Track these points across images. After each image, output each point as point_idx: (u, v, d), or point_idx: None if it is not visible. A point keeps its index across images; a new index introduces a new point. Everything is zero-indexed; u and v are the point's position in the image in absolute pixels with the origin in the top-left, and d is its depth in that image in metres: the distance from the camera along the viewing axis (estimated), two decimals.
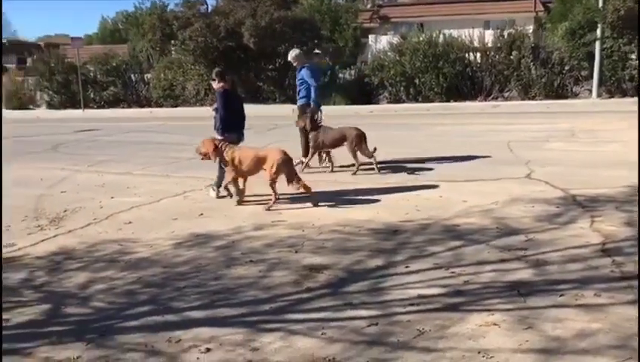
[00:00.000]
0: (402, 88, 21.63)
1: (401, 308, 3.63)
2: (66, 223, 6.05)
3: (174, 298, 3.99)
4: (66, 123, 19.39)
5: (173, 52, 27.03)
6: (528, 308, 3.53)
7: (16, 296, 4.12)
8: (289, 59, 9.12)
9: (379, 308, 3.66)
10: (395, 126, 14.11)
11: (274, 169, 6.31)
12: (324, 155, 8.69)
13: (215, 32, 23.56)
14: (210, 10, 26.48)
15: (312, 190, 6.43)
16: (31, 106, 28.55)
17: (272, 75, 25.10)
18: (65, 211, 6.55)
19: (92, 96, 27.11)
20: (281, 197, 6.62)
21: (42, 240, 5.45)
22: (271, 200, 6.38)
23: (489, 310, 3.55)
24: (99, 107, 26.53)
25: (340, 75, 25.00)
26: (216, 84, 7.18)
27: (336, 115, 18.31)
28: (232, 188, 6.73)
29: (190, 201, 6.84)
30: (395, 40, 23.29)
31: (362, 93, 22.34)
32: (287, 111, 20.65)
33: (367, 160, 8.09)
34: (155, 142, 13.17)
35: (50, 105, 27.86)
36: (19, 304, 3.98)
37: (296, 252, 4.82)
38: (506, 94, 20.75)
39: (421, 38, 21.60)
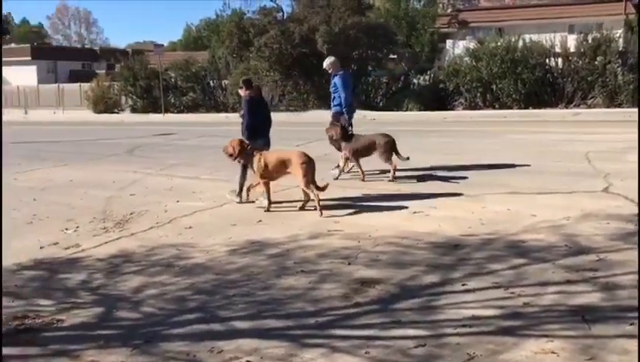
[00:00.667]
0: (479, 94, 21.01)
1: (451, 329, 3.42)
2: (130, 226, 6.21)
3: (222, 306, 3.97)
4: (146, 127, 20.19)
5: (250, 59, 27.62)
6: (592, 337, 3.23)
7: (73, 298, 4.24)
8: (324, 66, 9.21)
9: (428, 328, 3.47)
10: (468, 133, 13.69)
11: (302, 171, 6.36)
12: (348, 163, 8.51)
13: (289, 38, 23.83)
14: (285, 17, 26.81)
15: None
16: (116, 110, 29.97)
17: None
18: (131, 214, 6.73)
19: (172, 101, 28.09)
20: (339, 203, 6.52)
21: (105, 243, 5.61)
22: (315, 206, 6.37)
23: (548, 336, 3.28)
24: (178, 112, 27.48)
25: (414, 81, 24.62)
26: (243, 92, 7.34)
27: (404, 122, 18.14)
28: (259, 192, 6.86)
29: (251, 207, 6.86)
30: (472, 45, 22.66)
31: (437, 99, 21.89)
32: (359, 118, 20.60)
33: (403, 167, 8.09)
34: None
35: (134, 110, 29.13)
36: (74, 305, 4.09)
37: (349, 264, 4.69)
38: (589, 101, 19.65)
39: (499, 43, 20.89)
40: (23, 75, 47.73)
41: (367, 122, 19.50)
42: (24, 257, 5.19)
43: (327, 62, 9.14)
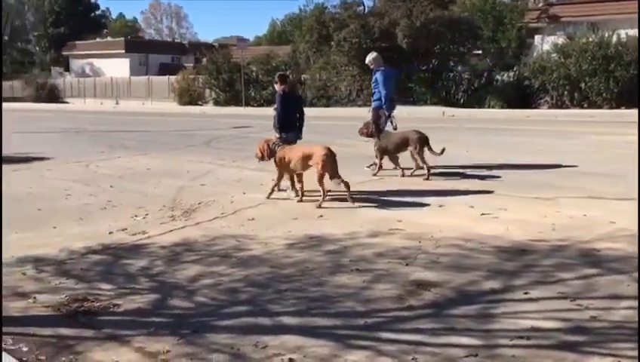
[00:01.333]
0: (566, 92, 20.01)
1: (507, 340, 3.22)
2: (196, 215, 6.34)
3: (272, 300, 3.94)
4: (225, 119, 20.69)
5: (330, 53, 27.67)
6: None
7: (132, 283, 4.36)
8: (366, 61, 9.23)
9: (482, 337, 3.28)
10: (551, 133, 13.02)
11: (320, 165, 6.48)
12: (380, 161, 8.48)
13: (369, 33, 23.63)
14: (366, 11, 26.61)
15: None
16: (200, 103, 30.98)
17: (424, 75, 24.62)
18: (199, 204, 6.87)
19: (253, 94, 28.66)
20: (401, 200, 6.35)
21: (170, 231, 5.75)
22: (320, 197, 6.57)
23: (615, 355, 3.02)
24: (258, 105, 27.99)
25: (498, 77, 23.76)
26: (278, 86, 7.54)
27: (484, 119, 17.54)
28: (288, 185, 7.16)
29: (313, 202, 6.82)
30: (561, 40, 21.54)
31: (520, 97, 21.04)
32: (438, 114, 20.14)
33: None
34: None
35: (217, 102, 29.98)
36: (132, 291, 4.20)
37: (406, 265, 4.54)
38: None
39: (590, 39, 19.74)
40: (116, 67, 50.20)
41: (444, 119, 19.06)
42: (93, 241, 5.40)
43: (369, 58, 9.14)
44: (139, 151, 11.65)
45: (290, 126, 7.44)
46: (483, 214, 5.95)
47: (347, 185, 6.56)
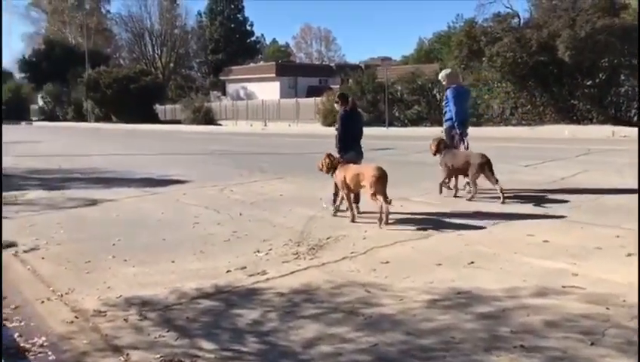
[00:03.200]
0: None
1: None
2: (322, 253, 5.54)
3: None
4: (368, 140, 19.81)
5: (481, 69, 26.00)
6: None
7: (237, 343, 3.62)
8: (439, 77, 9.09)
9: None
10: None
11: (370, 184, 6.49)
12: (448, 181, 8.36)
13: (526, 46, 21.77)
14: (522, 23, 24.64)
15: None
16: None
17: (590, 91, 22.07)
18: (327, 238, 6.08)
19: (397, 114, 27.83)
20: (571, 245, 5.03)
21: (292, 272, 4.99)
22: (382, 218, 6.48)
23: None
24: (402, 125, 27.08)
25: None
26: (338, 106, 7.60)
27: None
28: (345, 205, 7.07)
29: (463, 242, 5.71)
30: None
31: None
32: (606, 134, 17.75)
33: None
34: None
35: None
36: (235, 355, 3.46)
37: (591, 344, 3.32)
38: None
39: None
40: (268, 90, 52.23)
41: (615, 140, 16.69)
42: (208, 282, 4.80)
43: (442, 74, 8.93)
44: (275, 175, 11.26)
45: (351, 146, 7.46)
46: None
47: (387, 207, 6.45)
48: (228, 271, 5.09)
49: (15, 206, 8.73)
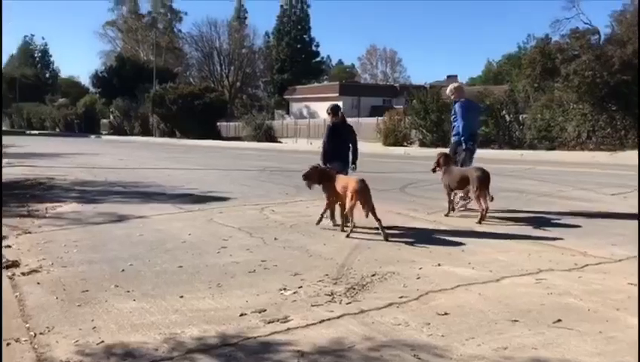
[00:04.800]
0: None
1: None
2: (363, 296, 4.43)
3: None
4: (429, 162, 18.65)
5: (555, 89, 24.20)
6: None
7: None
8: (447, 92, 8.86)
9: None
10: None
11: (350, 196, 6.41)
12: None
13: (606, 64, 19.96)
14: (603, 39, 22.76)
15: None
16: (405, 143, 29.50)
17: None
18: (372, 276, 4.96)
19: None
20: None
21: (321, 321, 3.90)
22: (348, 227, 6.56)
23: None
24: None
25: None
26: (329, 118, 7.80)
27: None
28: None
29: (544, 290, 4.46)
30: None
31: None
32: None
33: None
34: (516, 189, 10.97)
35: (422, 144, 28.22)
36: None
37: None
38: None
39: None
40: None
41: None
42: (214, 328, 3.79)
43: (450, 88, 8.66)
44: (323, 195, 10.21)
45: (334, 157, 7.58)
46: None
47: (379, 220, 6.40)
48: (242, 315, 4.06)
49: (41, 219, 8.10)
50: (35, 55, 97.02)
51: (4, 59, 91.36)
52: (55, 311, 4.24)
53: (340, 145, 7.67)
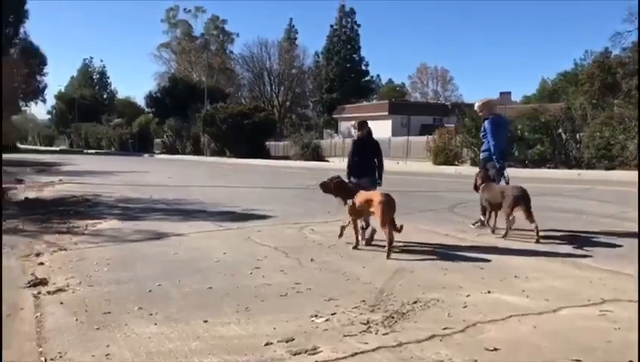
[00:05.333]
0: None
1: None
2: (403, 326, 3.99)
3: None
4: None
5: (615, 105, 23.03)
6: None
7: None
8: (475, 107, 8.66)
9: None
10: None
11: (378, 211, 6.24)
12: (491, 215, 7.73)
13: None
14: None
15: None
16: (456, 162, 28.70)
17: None
18: (414, 303, 4.52)
19: (516, 154, 25.35)
20: None
21: (353, 354, 3.49)
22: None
23: None
24: (522, 166, 24.57)
25: None
26: (355, 132, 7.76)
27: None
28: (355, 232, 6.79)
29: (610, 323, 3.92)
30: None
31: None
32: None
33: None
34: (574, 210, 10.26)
35: (474, 162, 27.35)
36: None
37: None
38: None
39: None
40: (379, 128, 50.81)
41: None
42: (235, 358, 3.44)
43: (478, 103, 8.46)
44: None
45: (360, 172, 7.47)
46: None
47: (391, 236, 6.21)
48: (267, 344, 3.70)
49: (79, 236, 8.01)
50: (94, 77, 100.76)
51: (65, 81, 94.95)
52: (72, 334, 4.00)
53: (365, 160, 7.57)
